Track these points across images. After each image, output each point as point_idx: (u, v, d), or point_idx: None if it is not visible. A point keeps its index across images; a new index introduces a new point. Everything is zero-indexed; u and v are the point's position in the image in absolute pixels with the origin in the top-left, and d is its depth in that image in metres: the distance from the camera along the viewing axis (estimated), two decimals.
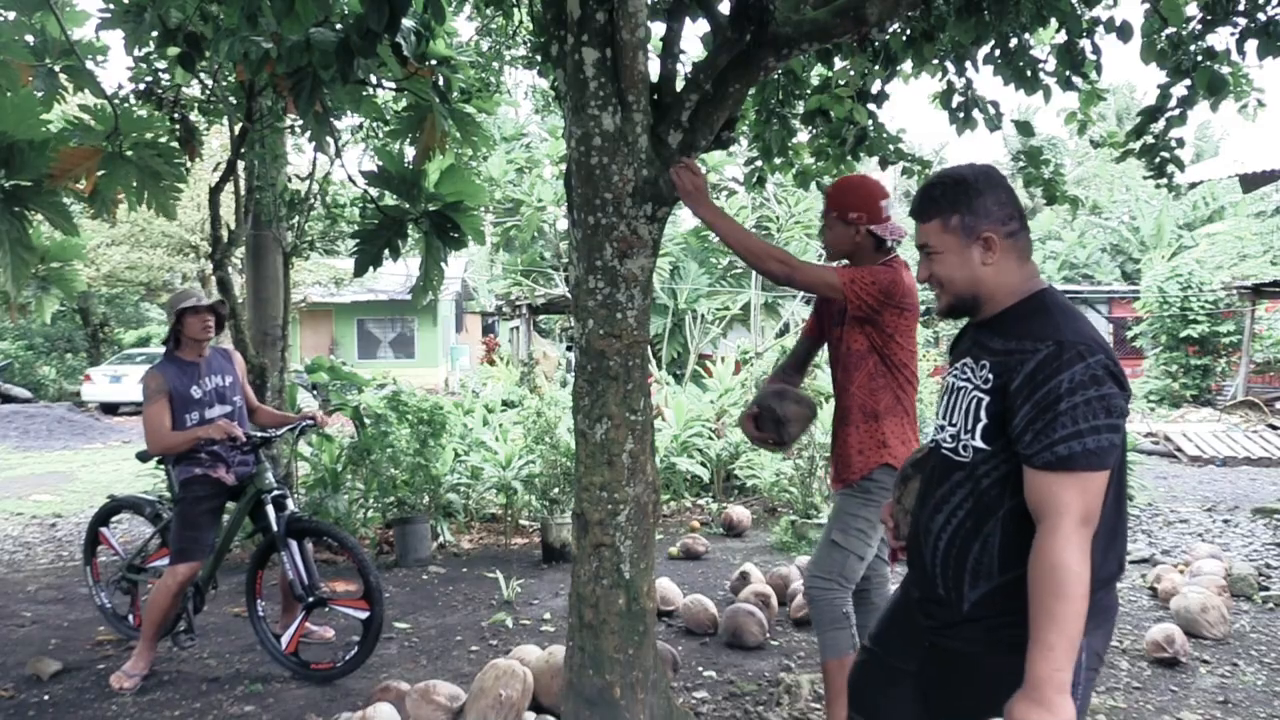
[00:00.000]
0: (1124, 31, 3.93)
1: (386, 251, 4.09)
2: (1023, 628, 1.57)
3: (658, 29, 3.05)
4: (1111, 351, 1.63)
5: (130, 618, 4.29)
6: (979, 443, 1.69)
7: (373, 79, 4.14)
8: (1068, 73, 4.18)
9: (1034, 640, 1.53)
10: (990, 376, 1.67)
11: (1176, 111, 4.29)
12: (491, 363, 16.69)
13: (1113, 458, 1.57)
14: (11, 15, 4.01)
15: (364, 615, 3.74)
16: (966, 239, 1.73)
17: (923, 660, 1.81)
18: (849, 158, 4.60)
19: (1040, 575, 1.53)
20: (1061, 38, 4.15)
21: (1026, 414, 1.59)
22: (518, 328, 21.58)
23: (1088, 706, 1.69)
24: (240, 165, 5.78)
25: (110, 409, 18.49)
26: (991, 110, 4.48)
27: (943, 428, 1.80)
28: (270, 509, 3.77)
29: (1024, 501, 1.61)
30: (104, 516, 4.45)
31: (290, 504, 3.83)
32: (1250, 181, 12.31)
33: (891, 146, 4.59)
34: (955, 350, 1.87)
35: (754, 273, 17.88)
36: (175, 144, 4.51)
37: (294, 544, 3.79)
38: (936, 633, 1.78)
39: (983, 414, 1.68)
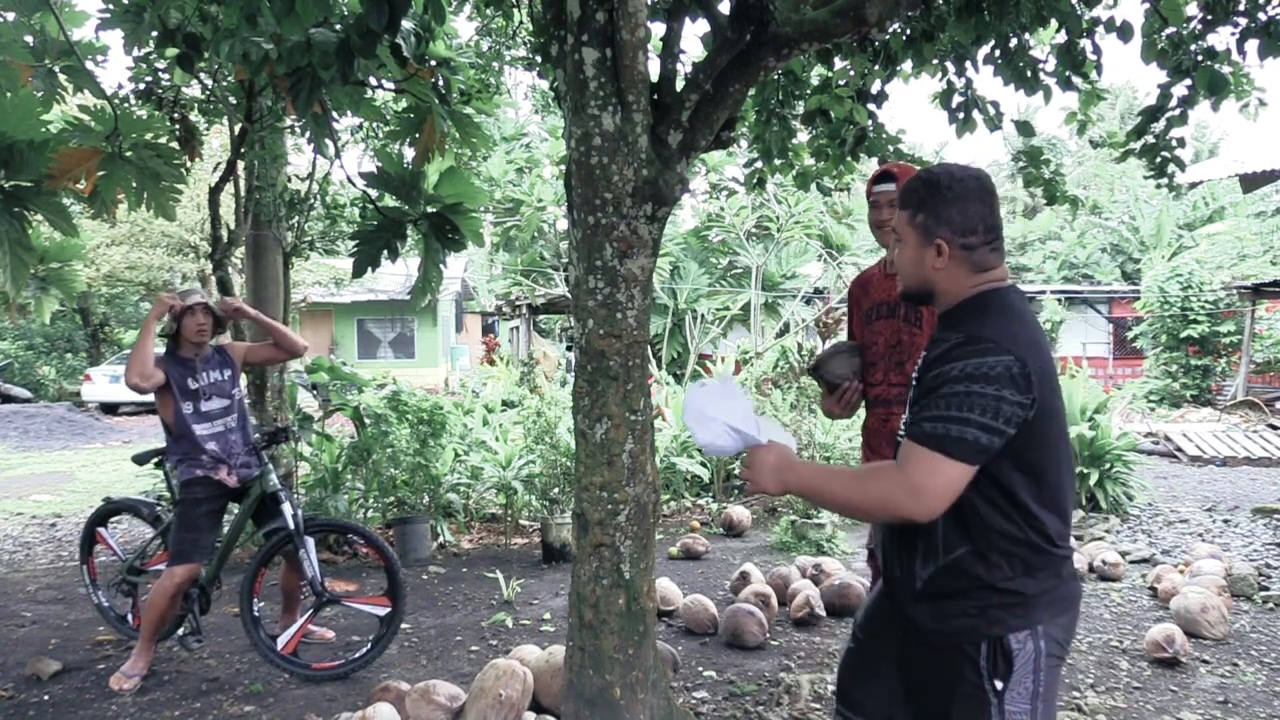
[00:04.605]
0: (1124, 31, 3.94)
1: (385, 253, 4.09)
2: (974, 616, 1.65)
3: (658, 29, 3.05)
4: (1036, 359, 1.63)
5: (130, 618, 4.29)
6: None
7: (372, 80, 4.14)
8: (1068, 73, 4.18)
9: (826, 473, 1.78)
10: (921, 365, 1.75)
11: (1177, 111, 4.29)
12: (491, 363, 16.72)
13: (976, 456, 1.59)
14: (11, 15, 4.01)
15: (385, 611, 3.82)
16: (923, 238, 1.77)
17: (898, 644, 1.86)
18: (849, 158, 4.60)
19: (859, 480, 1.71)
20: (1061, 38, 4.15)
21: (916, 393, 1.69)
22: (518, 328, 21.61)
23: (1051, 693, 1.68)
24: (240, 165, 5.77)
25: (110, 409, 18.49)
26: (991, 110, 4.48)
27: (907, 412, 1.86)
28: (285, 508, 3.80)
29: (968, 487, 1.65)
30: (100, 518, 4.44)
31: (290, 505, 3.85)
32: (1250, 181, 12.32)
33: (891, 147, 4.59)
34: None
35: (754, 273, 17.90)
36: (175, 144, 4.51)
37: (311, 541, 3.83)
38: (902, 611, 1.82)
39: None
